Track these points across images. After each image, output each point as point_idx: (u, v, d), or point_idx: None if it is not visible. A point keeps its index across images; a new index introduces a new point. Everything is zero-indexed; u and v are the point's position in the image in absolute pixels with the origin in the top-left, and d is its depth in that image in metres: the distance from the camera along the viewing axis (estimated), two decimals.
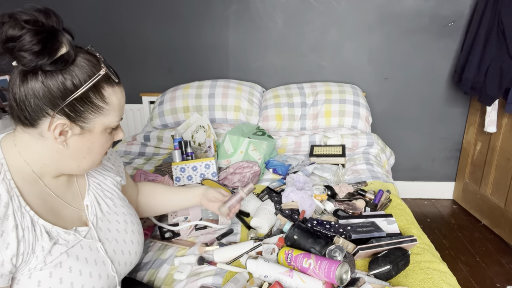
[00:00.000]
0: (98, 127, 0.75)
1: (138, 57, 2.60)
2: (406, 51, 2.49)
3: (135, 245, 0.92)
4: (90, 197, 0.88)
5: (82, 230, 0.81)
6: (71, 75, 0.69)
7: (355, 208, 1.38)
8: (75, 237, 0.78)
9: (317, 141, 2.15)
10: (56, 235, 0.75)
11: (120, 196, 0.96)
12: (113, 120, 0.77)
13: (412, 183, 2.81)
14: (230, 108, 2.31)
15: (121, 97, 0.78)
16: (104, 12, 2.49)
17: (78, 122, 0.72)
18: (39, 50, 0.64)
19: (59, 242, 0.74)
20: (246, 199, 1.42)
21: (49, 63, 0.66)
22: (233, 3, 2.45)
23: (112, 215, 0.90)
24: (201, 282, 1.04)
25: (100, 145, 0.79)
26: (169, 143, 2.15)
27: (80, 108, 0.71)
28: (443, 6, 2.38)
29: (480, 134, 2.47)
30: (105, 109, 0.74)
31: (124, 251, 0.88)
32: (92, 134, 0.75)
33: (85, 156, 0.78)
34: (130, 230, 0.92)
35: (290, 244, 1.10)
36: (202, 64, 2.59)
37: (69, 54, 0.68)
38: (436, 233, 2.38)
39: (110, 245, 0.85)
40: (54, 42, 0.67)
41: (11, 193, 0.71)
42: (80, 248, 0.78)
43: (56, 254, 0.73)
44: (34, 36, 0.64)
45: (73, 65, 0.70)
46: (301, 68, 2.57)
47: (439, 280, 1.03)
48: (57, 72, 0.68)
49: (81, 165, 0.79)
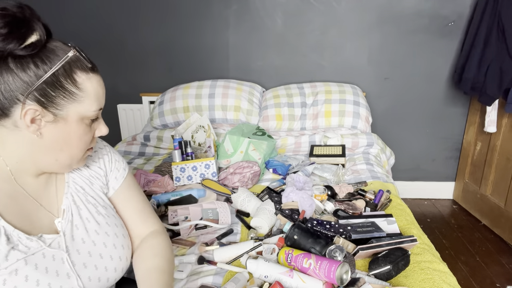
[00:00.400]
0: (73, 115, 0.72)
1: (138, 57, 2.60)
2: (406, 51, 2.49)
3: (115, 261, 0.83)
4: (68, 200, 0.82)
5: (48, 238, 0.75)
6: (40, 59, 0.68)
7: (355, 208, 1.38)
8: (38, 244, 0.73)
9: (317, 141, 2.15)
10: (16, 240, 0.70)
11: (106, 203, 0.89)
12: (88, 109, 0.74)
13: (412, 183, 2.81)
14: (230, 108, 2.31)
15: (97, 85, 0.75)
16: (104, 12, 2.49)
17: (50, 108, 0.69)
18: (6, 33, 0.64)
19: (18, 248, 0.70)
20: (246, 199, 1.42)
21: (17, 48, 0.65)
22: (233, 3, 2.45)
23: (91, 223, 0.83)
24: (201, 281, 1.04)
25: (77, 137, 0.75)
26: (169, 143, 2.15)
27: (51, 93, 0.69)
28: (443, 6, 2.38)
29: (480, 134, 2.47)
30: (79, 95, 0.72)
31: (98, 266, 0.80)
32: (67, 123, 0.72)
33: (61, 148, 0.74)
34: (111, 243, 0.83)
35: (290, 244, 1.10)
36: (202, 64, 2.59)
37: (39, 41, 0.67)
38: (436, 233, 2.38)
39: (79, 257, 0.78)
40: (23, 27, 0.66)
41: None
42: (42, 256, 0.72)
43: (12, 260, 0.68)
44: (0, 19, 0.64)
45: (44, 51, 0.68)
46: (301, 68, 2.58)
47: (439, 280, 1.03)
48: (27, 57, 0.67)
49: (59, 159, 0.75)
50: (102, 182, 0.90)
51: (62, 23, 2.51)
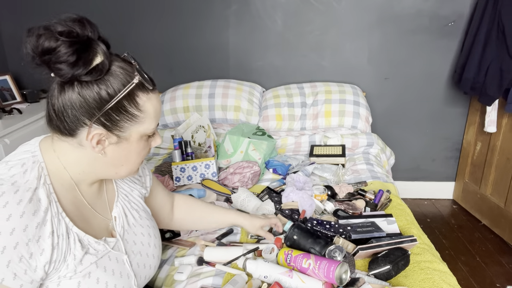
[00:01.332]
0: (134, 135, 0.75)
1: (138, 57, 2.56)
2: (406, 51, 2.49)
3: (155, 259, 0.92)
4: (118, 208, 0.87)
5: (110, 241, 0.80)
6: (105, 85, 0.69)
7: (355, 208, 1.38)
8: (105, 248, 0.78)
9: (317, 141, 2.15)
10: (87, 244, 0.75)
11: (145, 208, 0.96)
12: (148, 127, 0.76)
13: (412, 183, 2.81)
14: (230, 108, 2.31)
15: (156, 103, 0.77)
16: (104, 12, 2.49)
17: (114, 131, 0.72)
18: (74, 61, 0.64)
19: (90, 252, 0.74)
20: (246, 199, 1.42)
21: (84, 74, 0.66)
22: (233, 3, 2.45)
23: (137, 227, 0.89)
24: (201, 283, 1.04)
25: (137, 153, 0.78)
26: (169, 143, 2.15)
27: (116, 118, 0.71)
28: (443, 6, 2.38)
29: (480, 134, 2.47)
30: (140, 117, 0.73)
31: (146, 264, 0.88)
32: (129, 142, 0.75)
33: (123, 164, 0.78)
34: (153, 243, 0.92)
35: (290, 244, 1.10)
36: (202, 64, 2.59)
37: (104, 63, 0.68)
38: (436, 233, 2.38)
39: (134, 258, 0.85)
40: (88, 52, 0.66)
41: (50, 198, 0.70)
42: (108, 259, 0.78)
43: (86, 264, 0.73)
44: (69, 48, 0.64)
45: (108, 75, 0.69)
46: (301, 68, 2.57)
47: (439, 280, 1.03)
48: (92, 82, 0.68)
49: (119, 172, 0.79)
50: (139, 185, 0.97)
51: None
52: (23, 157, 0.73)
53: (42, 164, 0.73)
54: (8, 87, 2.40)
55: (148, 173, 1.03)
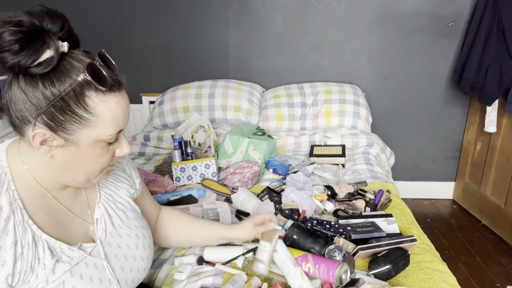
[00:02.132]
0: (85, 140, 0.67)
1: (138, 57, 2.61)
2: (406, 51, 2.49)
3: (144, 261, 0.87)
4: (100, 210, 0.83)
5: (87, 247, 0.76)
6: (50, 81, 0.62)
7: (355, 208, 1.38)
8: (80, 254, 0.74)
9: (317, 141, 2.15)
10: (59, 251, 0.71)
11: (133, 207, 0.91)
12: (104, 133, 0.68)
13: (412, 183, 2.81)
14: (230, 108, 2.31)
15: (115, 107, 0.68)
16: (104, 12, 2.49)
17: (59, 132, 0.65)
18: (17, 50, 0.59)
19: (62, 260, 0.70)
20: (246, 199, 1.42)
21: (28, 65, 0.60)
22: (233, 3, 2.45)
23: (123, 229, 0.84)
24: (201, 282, 1.04)
25: (92, 159, 0.70)
26: (169, 143, 2.15)
27: (60, 118, 0.64)
28: (443, 6, 2.38)
29: (480, 134, 2.47)
30: (91, 120, 0.66)
31: (132, 268, 0.83)
32: (79, 147, 0.67)
33: (76, 170, 0.71)
34: (142, 245, 0.86)
35: (290, 244, 1.10)
36: (202, 64, 2.59)
37: (52, 58, 0.62)
38: (436, 233, 2.38)
39: (118, 262, 0.80)
40: (36, 43, 0.60)
41: (14, 205, 0.67)
42: (85, 266, 0.74)
43: (59, 273, 0.69)
44: (12, 35, 0.59)
45: (56, 71, 0.63)
46: (301, 68, 2.58)
47: (439, 280, 1.03)
48: (37, 77, 0.62)
49: (76, 179, 0.72)
50: (126, 185, 0.92)
51: None
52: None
53: (6, 169, 0.69)
54: None
55: (137, 175, 0.98)
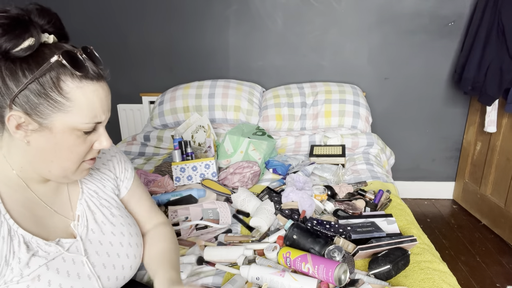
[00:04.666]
0: (59, 125, 0.68)
1: (138, 57, 2.61)
2: (406, 51, 2.49)
3: (130, 259, 0.86)
4: (82, 206, 0.83)
5: (66, 242, 0.76)
6: (27, 64, 0.64)
7: (355, 208, 1.38)
8: (57, 249, 0.73)
9: (317, 141, 2.15)
10: (35, 246, 0.71)
11: (119, 204, 0.91)
12: (79, 120, 0.68)
13: (412, 183, 2.81)
14: (230, 108, 2.31)
15: (91, 95, 0.69)
16: (104, 12, 2.49)
17: (34, 116, 0.66)
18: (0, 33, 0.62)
19: (38, 254, 0.70)
20: (246, 199, 1.42)
21: (8, 50, 0.63)
22: (233, 3, 2.45)
23: (107, 226, 0.84)
24: (201, 282, 1.04)
25: (67, 148, 0.70)
26: (169, 143, 2.15)
27: (35, 101, 0.65)
28: (443, 6, 2.38)
29: (480, 134, 2.47)
30: (65, 105, 0.67)
31: (116, 265, 0.82)
32: (53, 133, 0.68)
33: (52, 160, 0.70)
34: (127, 242, 0.86)
35: (290, 244, 1.10)
36: (202, 64, 2.60)
37: (32, 46, 0.64)
38: (436, 233, 2.38)
39: (99, 259, 0.80)
40: (18, 30, 0.63)
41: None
42: (62, 261, 0.73)
43: (34, 267, 0.69)
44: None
45: (35, 56, 0.65)
46: (301, 68, 2.58)
47: (439, 280, 1.03)
48: (16, 62, 0.64)
49: (52, 170, 0.72)
50: (113, 184, 0.92)
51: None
52: None
53: None
54: None
55: (124, 183, 0.95)
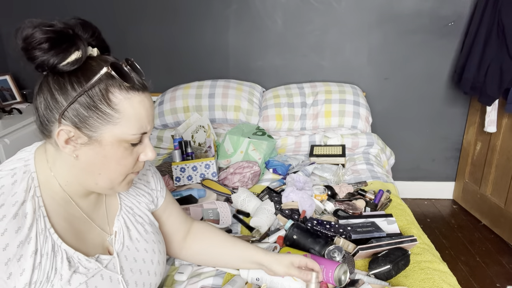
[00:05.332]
0: (108, 138, 0.67)
1: (138, 57, 2.60)
2: (406, 51, 2.49)
3: (157, 277, 0.86)
4: (119, 222, 0.82)
5: (104, 259, 0.75)
6: (76, 78, 0.65)
7: (355, 208, 1.38)
8: (96, 266, 0.73)
9: (317, 141, 2.15)
10: (77, 262, 0.70)
11: (152, 221, 0.90)
12: (127, 131, 0.68)
13: (412, 183, 2.81)
14: (230, 108, 2.31)
15: (138, 106, 0.68)
16: (104, 12, 2.49)
17: (83, 129, 0.66)
18: (46, 48, 0.62)
19: (79, 271, 0.69)
20: (246, 199, 1.42)
21: (57, 64, 0.63)
22: (233, 3, 2.45)
23: (141, 243, 0.83)
24: (201, 283, 1.04)
25: (115, 161, 0.70)
26: (169, 143, 2.15)
27: (84, 113, 0.65)
28: (443, 6, 2.38)
29: (480, 134, 2.47)
30: (114, 117, 0.66)
31: (145, 283, 0.82)
32: (102, 145, 0.68)
33: (100, 172, 0.70)
34: (157, 260, 0.85)
35: (290, 244, 1.10)
36: (202, 64, 2.59)
37: (80, 59, 0.65)
38: (436, 233, 2.38)
39: (132, 276, 0.79)
40: (65, 44, 0.63)
41: (37, 212, 0.66)
42: (101, 278, 0.73)
43: (75, 285, 0.68)
44: (43, 35, 0.62)
45: (83, 69, 0.66)
46: (301, 68, 2.57)
47: (439, 280, 1.03)
48: (65, 76, 0.65)
49: (99, 183, 0.71)
50: (147, 199, 0.90)
51: None
52: (15, 166, 0.69)
53: (33, 175, 0.69)
54: (8, 87, 2.41)
55: (162, 189, 0.95)
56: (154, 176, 0.95)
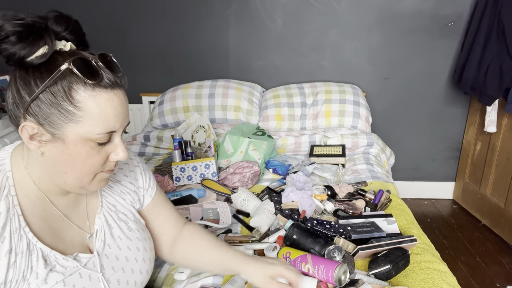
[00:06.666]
0: (71, 136, 0.65)
1: (138, 57, 2.60)
2: (406, 51, 2.49)
3: (143, 275, 0.84)
4: (100, 220, 0.80)
5: (83, 257, 0.74)
6: (40, 73, 0.63)
7: (355, 208, 1.38)
8: (74, 264, 0.72)
9: (317, 141, 2.15)
10: (53, 261, 0.69)
11: (137, 218, 0.88)
12: (91, 131, 0.66)
13: (412, 183, 2.81)
14: (230, 108, 2.31)
15: (105, 105, 0.66)
16: (104, 12, 2.49)
17: (46, 126, 0.64)
18: (14, 41, 0.61)
19: (56, 269, 0.69)
20: (246, 199, 1.42)
21: (22, 58, 0.62)
22: (233, 3, 2.45)
23: (124, 241, 0.82)
24: (201, 282, 1.04)
25: (80, 160, 0.67)
26: (169, 143, 2.15)
27: (47, 110, 0.63)
28: (443, 6, 2.38)
29: (480, 134, 2.47)
30: (77, 115, 0.64)
31: (129, 281, 0.81)
32: (65, 144, 0.65)
33: (66, 171, 0.68)
34: (141, 258, 0.84)
35: (290, 244, 1.10)
36: (202, 64, 2.59)
37: (45, 54, 0.63)
38: (436, 233, 2.38)
39: (114, 275, 0.78)
40: (32, 37, 0.62)
41: (12, 211, 0.66)
42: (79, 277, 0.72)
43: (52, 283, 0.67)
44: (11, 27, 0.61)
45: (48, 64, 0.63)
46: (301, 68, 2.58)
47: (439, 280, 1.03)
48: (29, 71, 0.63)
49: (67, 181, 0.69)
50: (132, 198, 0.89)
51: None
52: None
53: (8, 173, 0.68)
54: None
55: (148, 192, 0.93)
56: (143, 173, 0.92)
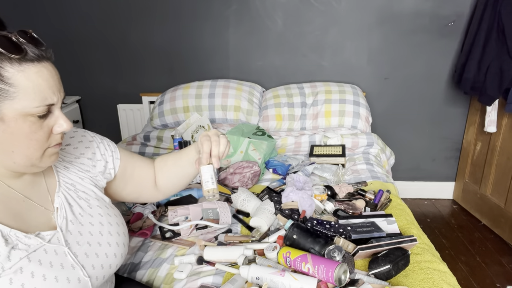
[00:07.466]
0: (9, 113, 0.65)
1: (138, 57, 2.61)
2: (406, 51, 2.49)
3: (113, 247, 0.86)
4: (60, 198, 0.83)
5: (46, 234, 0.76)
6: None
7: (355, 208, 1.38)
8: (37, 241, 0.73)
9: (317, 141, 2.15)
10: (15, 239, 0.70)
11: (99, 196, 0.91)
12: (28, 105, 0.66)
13: (412, 183, 2.81)
14: (230, 108, 2.31)
15: (36, 78, 0.66)
16: (104, 12, 2.49)
17: None
18: None
19: (18, 247, 0.70)
20: (246, 199, 1.42)
21: None
22: (233, 3, 2.45)
23: (85, 217, 0.84)
24: (201, 281, 1.04)
25: (24, 136, 0.68)
26: (169, 143, 2.15)
27: None
28: (443, 6, 2.38)
29: (480, 134, 2.47)
30: (10, 91, 0.64)
31: (98, 253, 0.83)
32: (5, 122, 0.66)
33: (12, 150, 0.69)
34: (107, 231, 0.86)
35: (290, 244, 1.10)
36: (202, 64, 2.60)
37: None
38: (436, 233, 2.38)
39: (80, 248, 0.80)
40: None
41: None
42: (44, 252, 0.73)
43: (15, 260, 0.68)
44: None
45: None
46: (301, 68, 2.58)
47: (439, 280, 1.03)
48: None
49: (16, 161, 0.70)
50: (93, 173, 0.92)
51: (63, 23, 2.51)
52: None
53: None
54: None
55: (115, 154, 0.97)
56: (101, 143, 0.96)
